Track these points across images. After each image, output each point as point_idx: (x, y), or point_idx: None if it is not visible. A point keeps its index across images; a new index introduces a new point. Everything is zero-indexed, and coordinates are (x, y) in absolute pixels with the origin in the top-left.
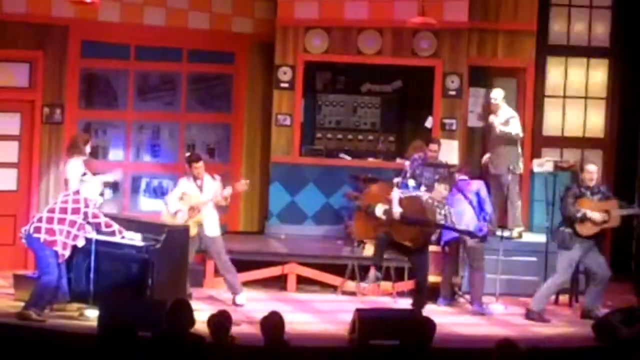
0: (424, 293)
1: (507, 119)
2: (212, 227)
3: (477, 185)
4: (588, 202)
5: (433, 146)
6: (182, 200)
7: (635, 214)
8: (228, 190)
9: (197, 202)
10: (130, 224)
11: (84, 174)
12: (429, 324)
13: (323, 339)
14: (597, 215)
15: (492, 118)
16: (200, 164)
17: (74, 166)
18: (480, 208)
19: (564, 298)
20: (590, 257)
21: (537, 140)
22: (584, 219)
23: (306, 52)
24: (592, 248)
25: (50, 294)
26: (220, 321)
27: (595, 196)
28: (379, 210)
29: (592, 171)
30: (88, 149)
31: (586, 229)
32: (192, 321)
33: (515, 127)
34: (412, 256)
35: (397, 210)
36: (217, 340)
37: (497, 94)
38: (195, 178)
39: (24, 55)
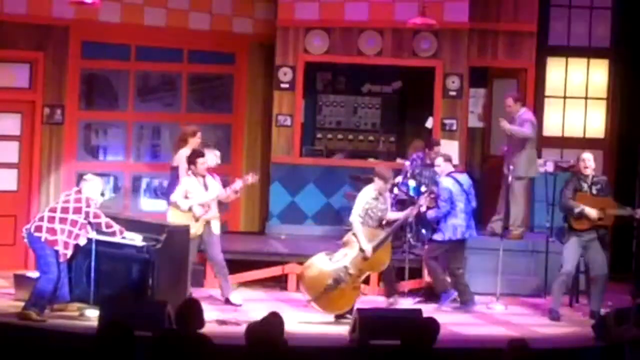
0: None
1: (522, 122)
2: (217, 225)
3: (468, 179)
4: (585, 196)
5: (437, 148)
6: (187, 199)
7: (628, 215)
8: (238, 184)
9: (206, 199)
10: (131, 224)
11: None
12: (433, 324)
13: (324, 339)
14: (593, 213)
15: (501, 120)
16: (205, 159)
17: (182, 156)
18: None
19: (564, 298)
20: (590, 252)
21: (537, 141)
22: (581, 215)
23: (306, 53)
24: (592, 242)
25: (50, 294)
26: (275, 323)
27: (595, 187)
28: (346, 275)
29: (587, 159)
30: (196, 141)
31: (580, 223)
32: (201, 322)
33: (526, 130)
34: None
35: (368, 248)
36: (273, 343)
37: (509, 101)
38: (198, 175)
39: (24, 56)
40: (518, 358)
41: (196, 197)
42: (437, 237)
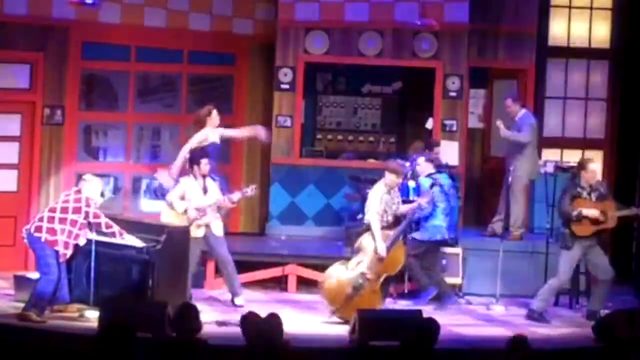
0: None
1: (521, 125)
2: (218, 227)
3: (448, 178)
4: (585, 202)
5: (437, 149)
6: (184, 201)
7: (631, 214)
8: (237, 195)
9: (204, 204)
10: (131, 224)
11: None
12: (433, 325)
13: (323, 340)
14: (593, 212)
15: (499, 124)
16: (207, 160)
17: (201, 134)
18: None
19: (564, 299)
20: (592, 257)
21: (537, 142)
22: (580, 218)
23: (307, 54)
24: (593, 248)
25: (50, 295)
26: (273, 325)
27: (593, 194)
28: (364, 281)
29: (596, 170)
30: (214, 119)
31: (582, 229)
32: (199, 326)
33: (525, 134)
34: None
35: (383, 247)
36: (273, 344)
37: (508, 102)
38: (199, 177)
39: (24, 57)
40: (519, 353)
41: (194, 201)
42: (418, 235)
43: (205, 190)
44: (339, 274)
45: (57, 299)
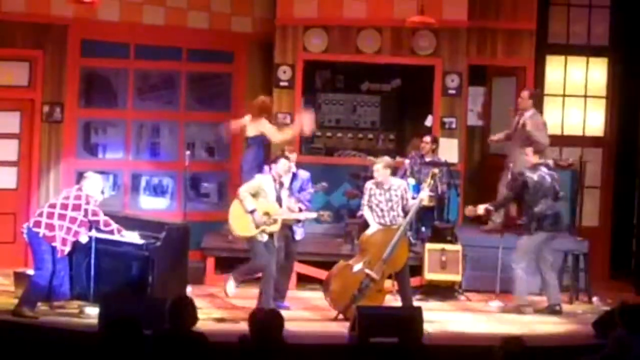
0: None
1: (538, 125)
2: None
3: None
4: None
5: (425, 138)
6: (256, 199)
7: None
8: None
9: (273, 212)
10: (130, 221)
11: None
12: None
13: (323, 337)
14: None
15: (523, 117)
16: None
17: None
18: None
19: (564, 296)
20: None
21: None
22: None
23: (306, 51)
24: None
25: (43, 290)
26: (268, 320)
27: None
28: (370, 282)
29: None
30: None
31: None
32: (194, 319)
33: (543, 137)
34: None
35: (374, 228)
36: (262, 341)
37: (524, 94)
38: (275, 180)
39: (23, 54)
40: (511, 353)
41: (268, 203)
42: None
43: (279, 199)
44: (345, 276)
45: (56, 295)
